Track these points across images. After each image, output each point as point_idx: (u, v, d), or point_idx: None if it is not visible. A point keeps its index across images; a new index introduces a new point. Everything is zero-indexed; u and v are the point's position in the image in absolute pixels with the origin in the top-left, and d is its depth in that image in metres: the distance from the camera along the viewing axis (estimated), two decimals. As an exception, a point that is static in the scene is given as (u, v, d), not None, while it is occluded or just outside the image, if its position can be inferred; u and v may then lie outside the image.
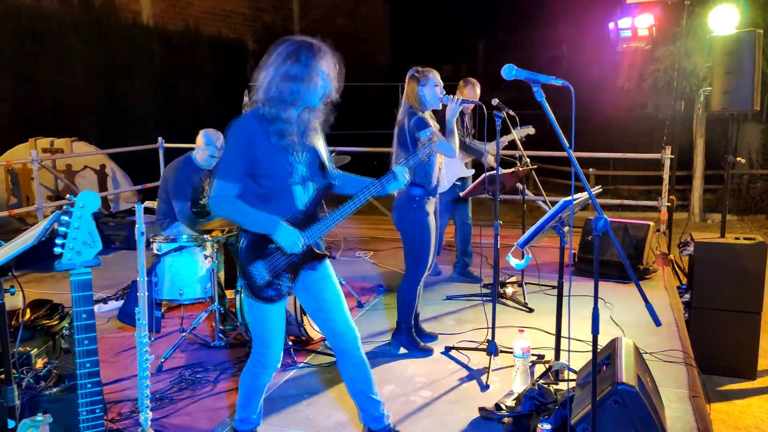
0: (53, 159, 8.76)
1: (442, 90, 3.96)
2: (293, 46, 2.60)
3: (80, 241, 1.82)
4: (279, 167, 2.60)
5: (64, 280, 5.78)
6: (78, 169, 9.25)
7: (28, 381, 2.81)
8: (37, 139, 8.86)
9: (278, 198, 2.62)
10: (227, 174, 2.57)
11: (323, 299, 2.81)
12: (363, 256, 6.67)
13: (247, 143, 2.56)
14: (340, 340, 2.86)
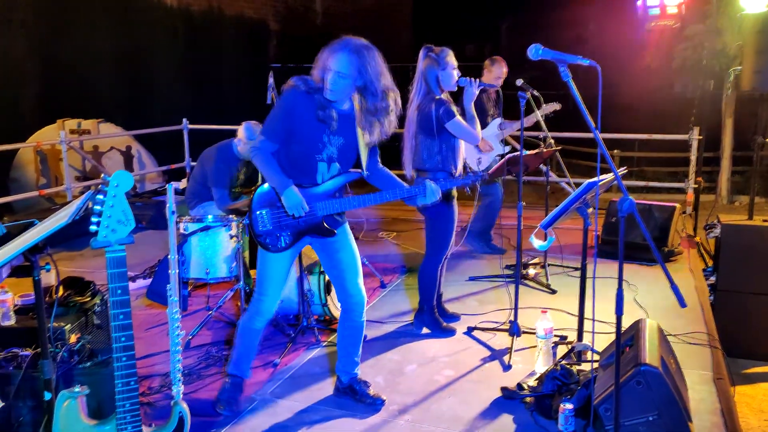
0: (81, 140, 8.90)
1: (458, 72, 3.93)
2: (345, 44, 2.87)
3: (115, 219, 1.87)
4: (310, 141, 2.90)
5: (94, 258, 5.91)
6: (104, 150, 9.39)
7: (62, 355, 2.90)
8: (64, 121, 8.99)
9: (302, 167, 2.95)
10: (268, 133, 2.95)
11: (339, 259, 3.16)
12: (385, 236, 6.70)
13: (290, 111, 2.89)
14: (348, 300, 3.23)
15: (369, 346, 4.03)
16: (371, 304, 4.74)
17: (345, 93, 2.88)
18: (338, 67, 2.80)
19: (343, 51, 2.81)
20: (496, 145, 5.50)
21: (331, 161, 2.98)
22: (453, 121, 3.81)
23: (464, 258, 5.74)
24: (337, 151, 2.97)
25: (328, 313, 4.28)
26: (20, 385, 2.73)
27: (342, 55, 2.80)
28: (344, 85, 2.84)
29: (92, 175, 9.11)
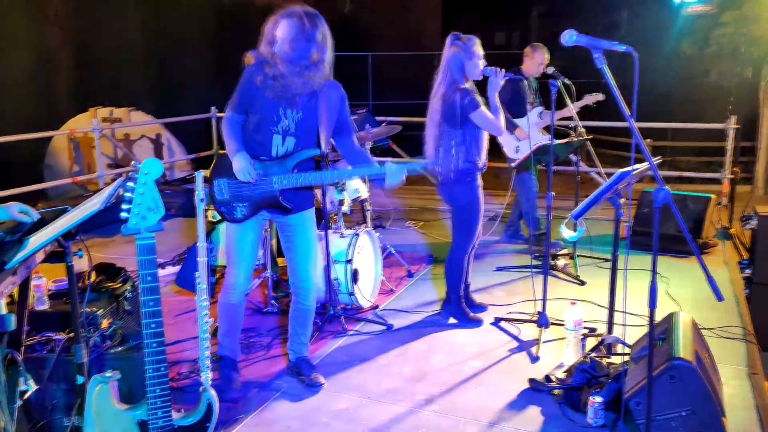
0: (112, 128, 9.03)
1: (483, 62, 3.88)
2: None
3: (145, 206, 1.89)
4: (265, 113, 2.97)
5: (125, 244, 6.00)
6: (135, 137, 9.51)
7: (94, 340, 2.94)
8: (97, 109, 9.13)
9: (258, 138, 3.02)
10: (231, 104, 3.06)
11: (295, 243, 3.23)
12: (412, 226, 6.68)
13: (248, 83, 2.98)
14: (297, 284, 3.31)
15: (395, 335, 4.04)
16: (398, 294, 4.74)
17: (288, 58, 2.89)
18: (277, 31, 2.87)
19: (281, 16, 2.87)
20: (536, 134, 5.39)
21: (287, 134, 3.01)
22: (478, 112, 3.76)
23: (492, 248, 5.70)
24: (295, 126, 3.01)
25: (355, 302, 4.29)
26: (54, 369, 2.78)
27: (281, 19, 2.86)
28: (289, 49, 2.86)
29: (123, 163, 9.24)
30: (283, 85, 2.91)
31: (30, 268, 2.53)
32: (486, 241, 5.83)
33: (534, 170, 5.46)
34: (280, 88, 2.91)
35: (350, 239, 4.28)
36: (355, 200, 4.77)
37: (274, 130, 3.00)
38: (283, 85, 2.91)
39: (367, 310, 4.39)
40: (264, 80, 2.92)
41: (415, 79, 13.94)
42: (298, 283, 3.31)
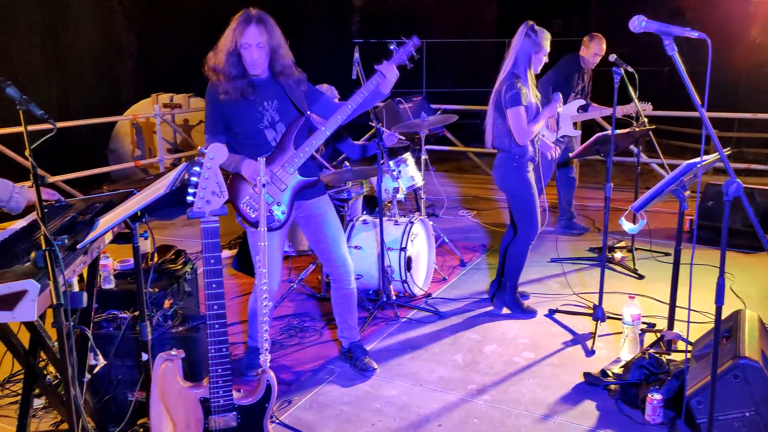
0: (172, 114, 9.25)
1: (546, 59, 3.89)
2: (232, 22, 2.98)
3: (209, 191, 1.93)
4: (246, 116, 3.02)
5: (184, 227, 6.18)
6: (194, 123, 9.72)
7: (157, 319, 3.04)
8: (158, 95, 9.37)
9: (253, 141, 3.05)
10: (209, 130, 3.09)
11: (323, 231, 3.25)
12: (466, 214, 6.64)
13: (215, 102, 3.03)
14: (337, 271, 3.33)
15: (448, 323, 4.03)
16: (450, 282, 4.72)
17: (264, 62, 2.97)
18: (252, 39, 2.91)
19: (248, 25, 2.91)
20: (566, 126, 5.28)
21: (274, 124, 3.06)
22: (514, 110, 3.73)
23: (546, 239, 5.61)
24: (277, 113, 3.06)
25: (408, 289, 4.30)
26: (119, 346, 2.89)
27: (249, 29, 2.91)
28: (262, 54, 2.94)
29: (182, 148, 9.47)
30: (255, 87, 3.01)
31: (99, 248, 2.64)
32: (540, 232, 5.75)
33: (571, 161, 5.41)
34: (252, 92, 3.00)
35: (404, 227, 4.28)
36: (410, 188, 4.77)
37: (262, 126, 3.05)
38: (255, 87, 3.01)
39: (419, 298, 4.40)
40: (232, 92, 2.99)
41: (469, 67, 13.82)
42: (337, 269, 3.33)
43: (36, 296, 1.90)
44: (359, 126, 5.78)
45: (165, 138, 8.85)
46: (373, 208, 5.03)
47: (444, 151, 8.81)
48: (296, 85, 3.12)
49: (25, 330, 2.41)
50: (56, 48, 8.86)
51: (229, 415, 2.06)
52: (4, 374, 3.32)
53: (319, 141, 3.05)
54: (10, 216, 2.76)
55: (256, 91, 3.03)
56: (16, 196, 2.64)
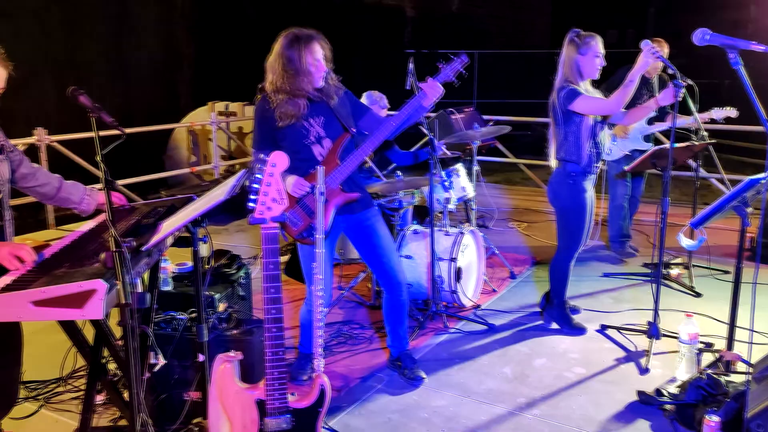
0: (227, 121, 9.50)
1: (602, 61, 3.72)
2: (282, 44, 3.04)
3: (270, 197, 1.99)
4: (293, 132, 3.06)
5: (236, 233, 6.32)
6: (248, 131, 9.94)
7: (212, 322, 3.12)
8: (214, 103, 9.63)
9: (300, 156, 3.07)
10: (257, 144, 3.16)
11: (373, 244, 3.27)
12: (515, 227, 6.58)
13: (262, 119, 3.09)
14: (389, 282, 3.35)
15: (497, 335, 4.01)
16: (500, 294, 4.69)
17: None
18: (319, 54, 3.02)
19: (316, 40, 3.02)
20: (636, 140, 5.16)
21: (320, 139, 3.10)
22: (577, 100, 3.60)
23: (599, 253, 5.52)
24: (324, 129, 3.10)
25: (457, 300, 4.29)
26: (176, 346, 2.98)
27: (316, 44, 3.01)
28: (324, 68, 3.04)
29: (236, 155, 9.70)
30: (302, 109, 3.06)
31: (161, 251, 2.73)
32: (593, 246, 5.66)
33: (628, 175, 5.25)
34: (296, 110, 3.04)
35: (455, 237, 4.28)
36: (461, 199, 4.77)
37: (308, 141, 3.09)
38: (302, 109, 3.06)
39: (468, 309, 4.39)
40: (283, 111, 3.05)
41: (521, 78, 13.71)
42: (390, 281, 3.34)
43: (104, 295, 1.98)
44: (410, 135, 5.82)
45: (219, 145, 9.09)
46: (423, 218, 5.04)
47: (494, 162, 8.76)
48: (341, 101, 3.17)
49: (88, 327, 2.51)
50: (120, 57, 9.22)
51: (284, 417, 2.10)
52: (66, 370, 3.45)
53: (362, 157, 3.10)
54: (80, 217, 2.89)
55: (299, 108, 3.08)
56: (86, 198, 2.77)
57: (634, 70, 3.52)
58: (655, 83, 5.16)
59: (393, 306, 3.42)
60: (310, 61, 3.00)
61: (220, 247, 4.46)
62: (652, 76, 5.15)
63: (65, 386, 3.38)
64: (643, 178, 5.48)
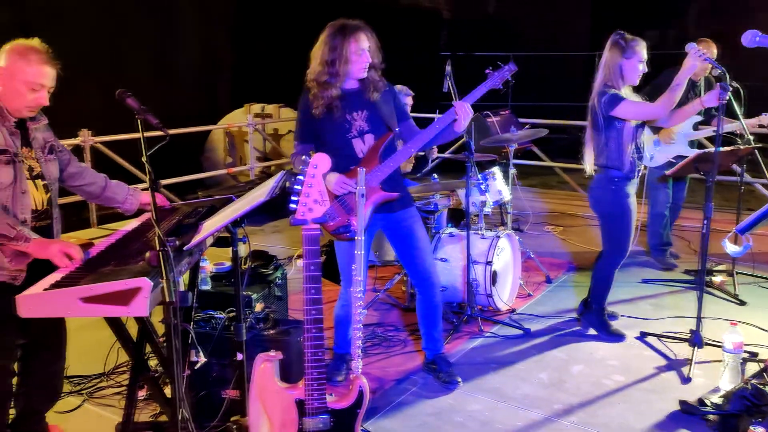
0: (263, 123, 9.60)
1: (645, 68, 3.65)
2: (327, 33, 3.04)
3: (312, 199, 2.00)
4: (336, 125, 3.07)
5: (272, 234, 6.38)
6: (283, 133, 10.05)
7: (249, 321, 3.16)
8: (250, 105, 9.75)
9: (340, 150, 3.07)
10: (298, 137, 3.19)
11: (409, 244, 3.26)
12: (551, 231, 6.51)
13: (306, 111, 3.11)
14: (423, 283, 3.33)
15: (533, 340, 3.97)
16: (536, 299, 4.65)
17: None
18: (365, 44, 2.99)
19: (361, 30, 3.00)
20: (682, 144, 5.04)
21: (363, 134, 3.10)
22: (621, 106, 3.54)
23: (638, 258, 5.41)
24: (367, 123, 3.10)
25: (492, 304, 4.26)
26: (214, 345, 3.02)
27: (361, 33, 3.00)
28: (368, 59, 3.02)
29: (272, 156, 9.80)
30: (342, 98, 3.07)
31: (201, 250, 2.78)
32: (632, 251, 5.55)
33: (669, 181, 5.12)
34: (340, 103, 3.05)
35: (491, 241, 4.26)
36: (497, 202, 4.74)
37: (351, 136, 3.09)
38: (342, 98, 3.07)
39: (504, 313, 4.35)
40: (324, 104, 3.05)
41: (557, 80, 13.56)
42: (423, 282, 3.33)
43: (149, 293, 2.03)
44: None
45: (255, 147, 9.19)
46: (457, 221, 5.02)
47: (529, 166, 8.68)
48: (384, 97, 3.16)
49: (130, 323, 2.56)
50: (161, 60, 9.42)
51: (323, 417, 2.12)
52: (108, 366, 3.53)
53: (399, 162, 3.11)
54: (122, 217, 2.96)
55: (346, 100, 3.09)
56: (130, 198, 2.83)
57: (681, 73, 3.46)
58: (701, 85, 5.02)
59: (427, 307, 3.41)
60: (354, 50, 3.00)
61: (256, 248, 4.51)
62: (698, 78, 5.01)
63: (107, 381, 3.46)
64: (685, 183, 5.35)
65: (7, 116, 2.39)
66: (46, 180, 2.54)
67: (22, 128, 2.46)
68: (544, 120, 8.01)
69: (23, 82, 2.36)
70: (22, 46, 2.38)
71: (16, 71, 2.34)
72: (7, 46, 2.39)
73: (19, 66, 2.34)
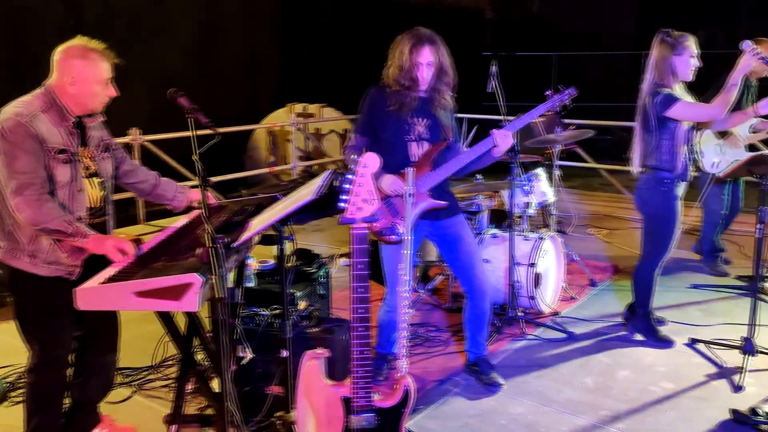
0: (305, 123, 9.68)
1: (697, 62, 3.56)
2: (402, 38, 3.11)
3: (361, 198, 2.01)
4: (397, 125, 3.11)
5: (313, 233, 6.43)
6: (325, 132, 10.11)
7: (293, 319, 3.19)
8: (293, 105, 9.84)
9: (395, 150, 3.11)
10: (358, 129, 3.22)
11: (459, 250, 3.26)
12: (595, 233, 6.40)
13: (371, 106, 3.16)
14: (471, 290, 3.32)
15: (577, 344, 3.91)
16: (579, 302, 4.57)
17: (431, 80, 3.09)
18: (426, 59, 3.04)
19: (427, 44, 3.05)
20: (738, 149, 4.88)
21: (421, 139, 3.13)
22: (675, 106, 3.46)
23: (687, 263, 5.28)
24: (427, 131, 3.14)
25: (535, 306, 4.21)
26: (259, 341, 3.06)
27: (425, 47, 3.04)
28: (431, 72, 3.07)
29: (314, 156, 9.87)
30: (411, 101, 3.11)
31: (248, 248, 2.82)
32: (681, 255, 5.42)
33: (725, 188, 4.96)
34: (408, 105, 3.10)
35: (534, 242, 4.21)
36: (541, 204, 4.68)
37: (408, 139, 3.12)
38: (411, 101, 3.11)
39: (547, 315, 4.30)
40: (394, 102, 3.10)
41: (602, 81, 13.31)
42: (474, 289, 3.31)
43: (200, 289, 2.07)
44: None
45: (297, 146, 9.27)
46: (499, 222, 4.98)
47: (571, 167, 8.55)
48: (447, 113, 3.19)
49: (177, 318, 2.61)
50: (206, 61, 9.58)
51: (368, 416, 2.12)
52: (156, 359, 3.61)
53: (449, 172, 3.12)
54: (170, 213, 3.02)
55: (412, 105, 3.12)
56: (179, 195, 2.89)
57: (735, 72, 3.37)
58: (753, 86, 4.86)
59: (475, 314, 3.39)
60: (416, 62, 3.04)
61: (299, 246, 4.55)
62: (754, 78, 4.84)
63: (156, 374, 3.53)
64: (740, 185, 5.19)
65: (67, 116, 2.46)
66: (101, 178, 2.61)
67: (80, 128, 2.54)
68: (587, 121, 7.87)
69: (96, 83, 2.44)
70: (77, 48, 2.44)
71: (86, 74, 2.41)
72: (61, 52, 2.44)
73: (86, 69, 2.41)
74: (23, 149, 2.31)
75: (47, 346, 2.56)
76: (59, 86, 2.44)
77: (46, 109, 2.41)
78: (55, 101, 2.43)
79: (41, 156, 2.35)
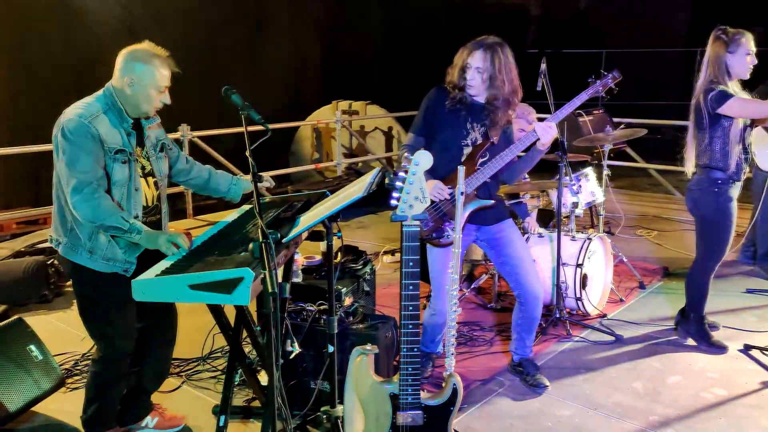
0: (350, 120, 9.74)
1: (753, 59, 3.44)
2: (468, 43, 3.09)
3: (413, 196, 2.01)
4: (453, 128, 3.12)
5: (358, 229, 6.46)
6: (369, 129, 10.15)
7: (339, 315, 3.21)
8: (338, 102, 9.91)
9: (449, 152, 3.11)
10: (414, 128, 3.22)
11: (509, 254, 3.23)
12: (644, 235, 6.25)
13: (429, 107, 3.17)
14: (524, 295, 3.29)
15: (625, 347, 3.84)
16: (628, 304, 4.48)
17: (480, 85, 3.04)
18: (475, 63, 3.02)
19: (480, 49, 3.02)
20: None
21: (474, 145, 3.12)
22: (728, 103, 3.36)
23: (742, 267, 5.12)
24: (482, 138, 3.12)
25: (581, 307, 4.15)
26: (305, 336, 3.09)
27: (475, 53, 3.02)
28: (480, 79, 3.02)
29: (357, 153, 9.92)
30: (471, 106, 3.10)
31: (297, 243, 2.85)
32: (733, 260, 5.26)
33: None
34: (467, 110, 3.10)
35: (581, 243, 4.14)
36: (589, 204, 4.60)
37: (464, 143, 3.11)
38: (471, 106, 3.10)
39: (593, 317, 4.23)
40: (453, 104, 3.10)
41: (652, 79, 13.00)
42: (526, 294, 3.27)
43: (251, 283, 2.10)
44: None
45: (342, 143, 9.34)
46: (545, 222, 4.91)
47: (619, 167, 8.38)
48: (502, 124, 3.14)
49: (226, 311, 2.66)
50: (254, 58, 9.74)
51: (416, 413, 2.13)
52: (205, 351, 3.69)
53: (494, 169, 3.07)
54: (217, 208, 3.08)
55: (470, 109, 3.11)
56: (233, 187, 2.95)
57: None
58: None
59: (526, 318, 3.36)
60: (465, 63, 3.05)
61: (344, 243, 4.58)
62: None
63: (204, 365, 3.61)
64: None
65: (125, 118, 2.53)
66: (156, 177, 2.67)
67: (138, 128, 2.60)
68: (637, 119, 7.70)
69: (153, 88, 2.50)
70: (142, 52, 2.50)
71: (145, 78, 2.47)
72: (126, 53, 2.50)
73: (147, 72, 2.47)
74: (84, 149, 2.38)
75: (111, 338, 2.64)
76: (118, 86, 2.51)
77: (106, 110, 2.48)
78: (115, 103, 2.50)
79: (100, 156, 2.42)
